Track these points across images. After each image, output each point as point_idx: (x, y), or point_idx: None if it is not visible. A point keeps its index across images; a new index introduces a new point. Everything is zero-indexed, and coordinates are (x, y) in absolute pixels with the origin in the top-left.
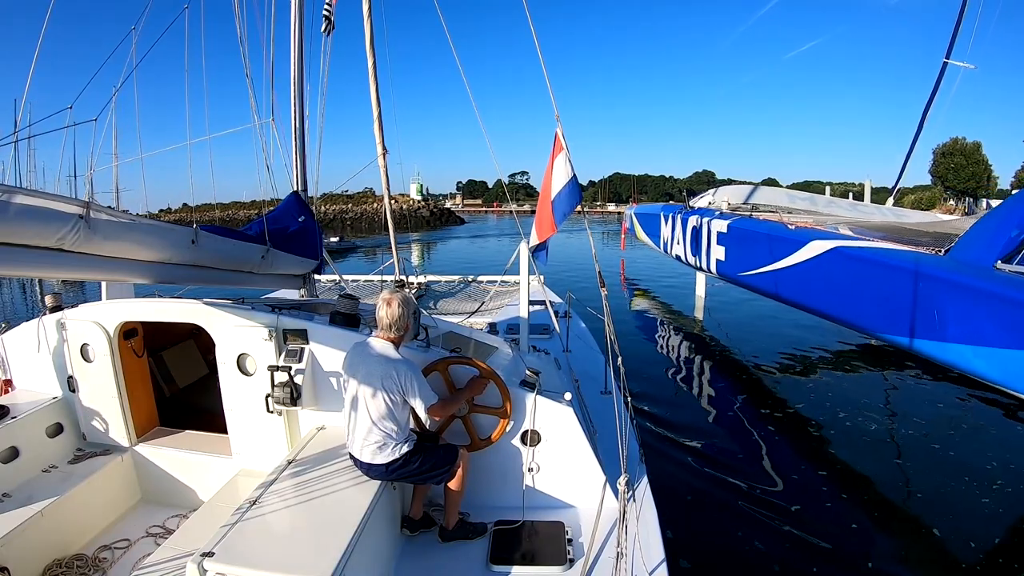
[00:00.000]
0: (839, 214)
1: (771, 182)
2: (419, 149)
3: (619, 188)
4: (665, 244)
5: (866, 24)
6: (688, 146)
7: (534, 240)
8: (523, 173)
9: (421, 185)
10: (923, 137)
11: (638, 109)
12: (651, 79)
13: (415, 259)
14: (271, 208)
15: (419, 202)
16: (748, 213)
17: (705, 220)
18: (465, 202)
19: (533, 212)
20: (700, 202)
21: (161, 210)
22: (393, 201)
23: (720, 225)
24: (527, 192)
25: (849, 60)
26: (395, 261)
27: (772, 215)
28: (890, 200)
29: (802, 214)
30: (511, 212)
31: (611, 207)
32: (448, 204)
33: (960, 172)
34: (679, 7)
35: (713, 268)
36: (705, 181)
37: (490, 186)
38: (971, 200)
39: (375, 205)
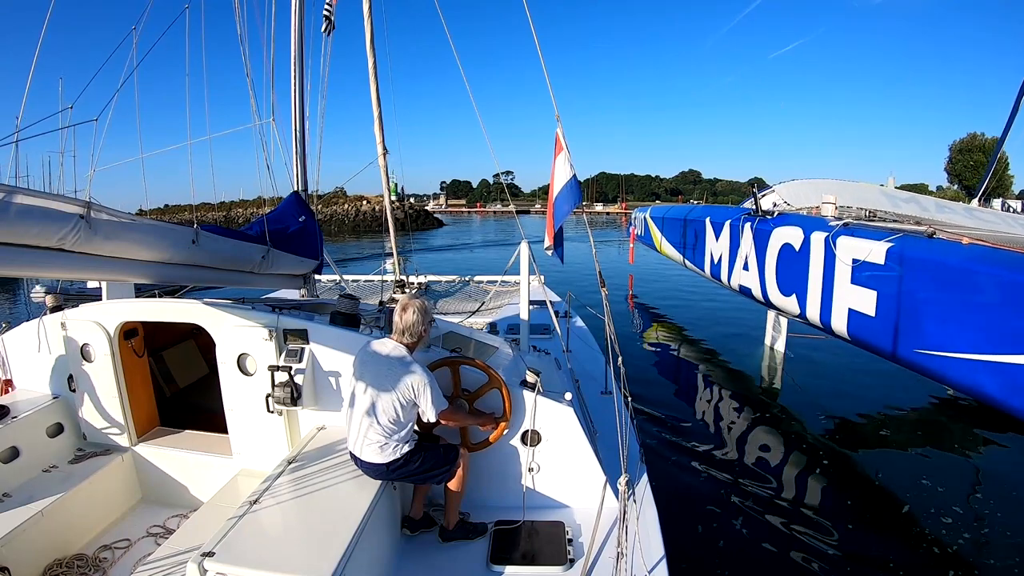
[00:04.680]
0: (959, 223)
1: (759, 182)
2: (403, 149)
3: (605, 188)
4: (715, 267)
5: (850, 24)
6: (674, 146)
7: (547, 241)
8: (508, 173)
9: (395, 184)
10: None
11: (624, 110)
12: (636, 79)
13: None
14: (244, 209)
15: (393, 202)
16: (914, 226)
17: (818, 237)
18: (449, 202)
19: (519, 212)
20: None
21: (141, 210)
22: (366, 202)
23: (866, 249)
24: (512, 192)
25: (833, 60)
26: (395, 261)
27: (896, 223)
28: (974, 202)
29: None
30: (494, 213)
31: (598, 207)
32: (431, 204)
33: (979, 170)
34: (663, 7)
35: (841, 326)
36: (691, 181)
37: (474, 186)
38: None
39: (347, 207)
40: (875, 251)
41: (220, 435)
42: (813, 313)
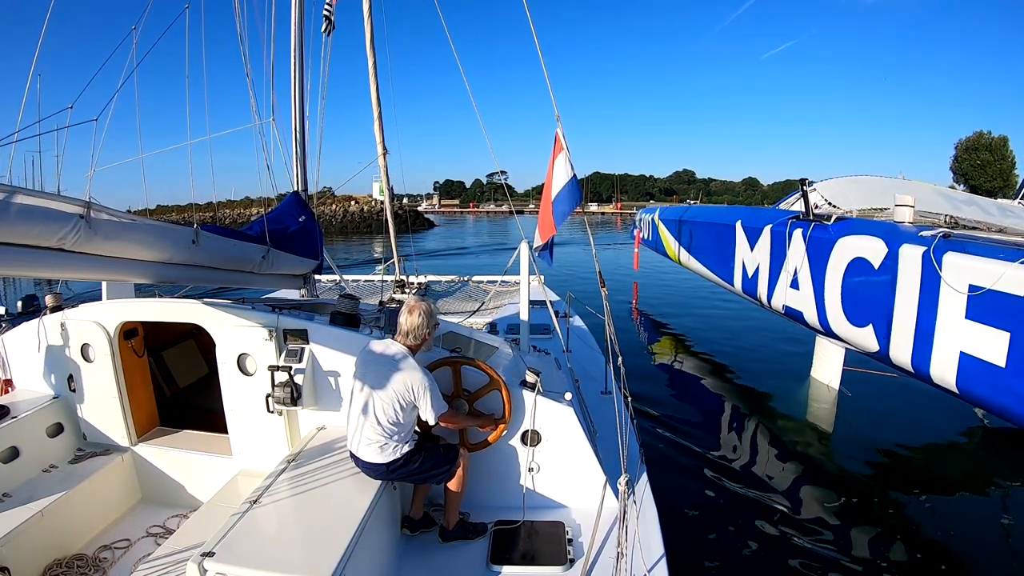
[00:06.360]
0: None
1: (752, 181)
2: (400, 149)
3: (599, 187)
4: (748, 282)
5: (843, 25)
6: (668, 146)
7: (537, 241)
8: (502, 172)
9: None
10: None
11: (617, 110)
12: (629, 79)
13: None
14: (231, 210)
15: (382, 203)
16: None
17: (911, 252)
18: (442, 202)
19: (512, 213)
20: (795, 208)
21: (129, 210)
22: (355, 203)
23: (994, 273)
24: (507, 191)
25: (826, 60)
26: (396, 261)
27: (980, 232)
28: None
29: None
30: (488, 213)
31: (593, 207)
32: (424, 205)
33: (987, 169)
34: (657, 8)
35: (947, 375)
36: (686, 180)
37: (468, 186)
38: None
39: (335, 207)
40: (1010, 276)
41: (220, 435)
42: (900, 353)
